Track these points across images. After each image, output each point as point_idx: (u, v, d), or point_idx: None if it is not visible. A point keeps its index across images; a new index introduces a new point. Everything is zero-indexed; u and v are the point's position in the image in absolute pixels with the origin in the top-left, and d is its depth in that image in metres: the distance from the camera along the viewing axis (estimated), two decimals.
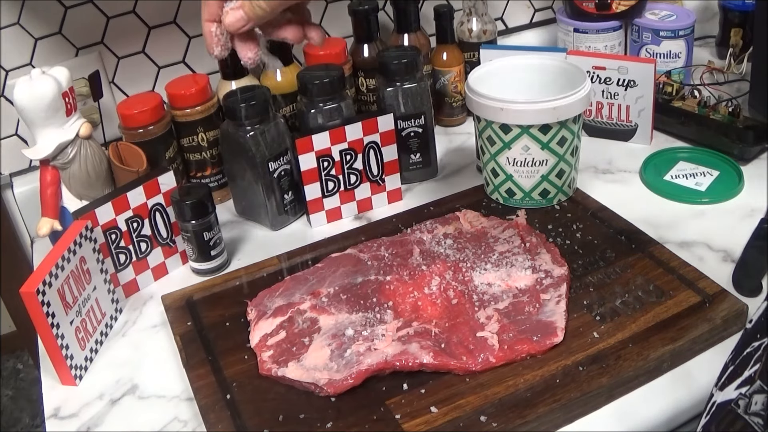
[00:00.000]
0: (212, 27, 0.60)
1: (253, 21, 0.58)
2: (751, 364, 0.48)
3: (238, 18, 0.58)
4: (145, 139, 0.91)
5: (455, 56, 1.10)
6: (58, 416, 0.71)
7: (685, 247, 0.82)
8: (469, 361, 0.66)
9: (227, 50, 0.62)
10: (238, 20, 0.58)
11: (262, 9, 0.57)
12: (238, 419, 0.64)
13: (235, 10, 0.58)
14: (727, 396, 0.48)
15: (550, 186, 0.88)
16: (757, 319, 0.51)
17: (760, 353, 0.47)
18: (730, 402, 0.47)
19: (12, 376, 2.16)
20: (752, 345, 0.49)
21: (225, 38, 0.61)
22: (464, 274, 0.77)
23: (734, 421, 0.46)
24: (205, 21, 0.60)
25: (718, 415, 0.48)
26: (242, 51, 0.62)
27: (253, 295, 0.78)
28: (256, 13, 0.57)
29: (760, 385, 0.46)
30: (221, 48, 0.61)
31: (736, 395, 0.47)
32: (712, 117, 0.99)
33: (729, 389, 0.48)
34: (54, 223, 0.85)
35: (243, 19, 0.58)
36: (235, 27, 0.58)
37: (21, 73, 0.92)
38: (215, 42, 0.61)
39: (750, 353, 0.49)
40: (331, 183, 0.92)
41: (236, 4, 0.58)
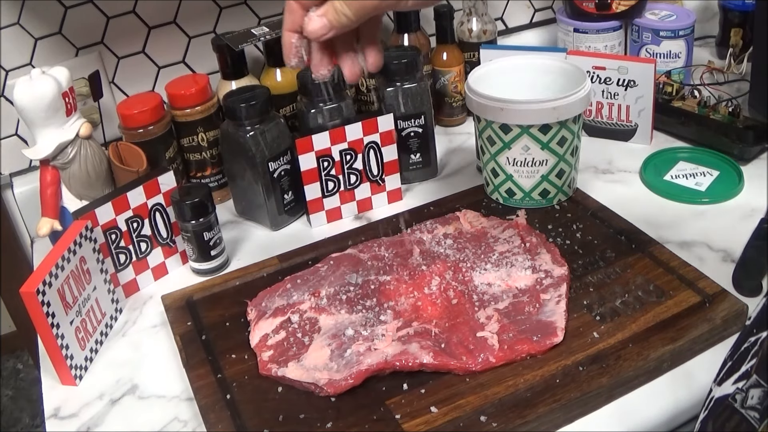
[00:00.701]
0: (293, 38, 0.60)
1: (336, 29, 0.58)
2: (748, 359, 0.48)
3: (322, 25, 0.57)
4: (145, 139, 0.91)
5: (455, 56, 1.10)
6: (58, 416, 0.71)
7: (685, 247, 0.82)
8: (469, 361, 0.66)
9: (303, 62, 0.62)
10: (321, 27, 0.57)
11: (347, 17, 0.57)
12: (238, 419, 0.64)
13: (319, 17, 0.57)
14: (724, 391, 0.48)
15: (550, 186, 0.88)
16: (756, 315, 0.51)
17: (757, 348, 0.48)
18: (728, 397, 0.48)
19: (12, 376, 2.16)
20: (749, 340, 0.49)
21: (305, 50, 0.61)
22: (464, 274, 0.77)
23: (731, 415, 0.47)
24: (287, 30, 0.60)
25: (716, 410, 0.48)
26: (317, 65, 0.62)
27: (253, 295, 0.78)
28: (341, 21, 0.57)
29: (756, 380, 0.46)
30: (298, 59, 0.61)
31: (733, 390, 0.47)
32: (712, 117, 0.99)
33: (727, 384, 0.48)
34: (54, 223, 0.85)
35: (326, 27, 0.57)
36: (317, 34, 0.58)
37: (21, 73, 0.92)
38: (293, 53, 0.61)
39: (747, 348, 0.49)
40: (331, 183, 0.92)
41: (321, 11, 0.58)
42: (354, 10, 0.56)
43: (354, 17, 0.57)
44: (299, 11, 0.58)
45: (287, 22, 0.59)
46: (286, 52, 0.61)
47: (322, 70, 0.62)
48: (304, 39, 0.60)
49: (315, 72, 0.62)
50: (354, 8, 0.56)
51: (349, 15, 0.57)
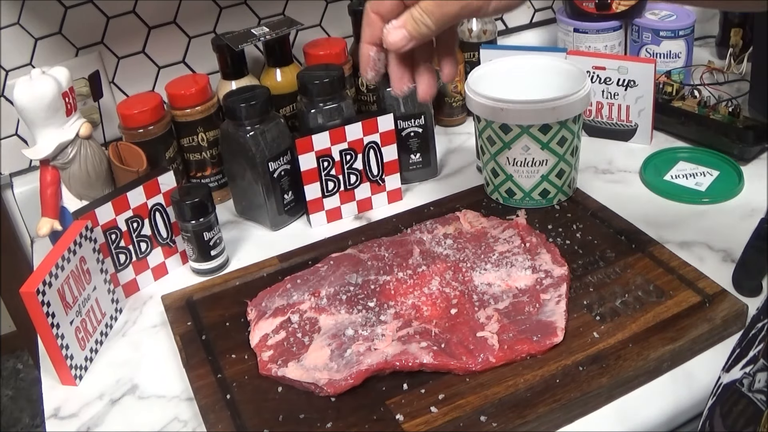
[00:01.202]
0: (371, 51, 0.59)
1: (416, 40, 0.57)
2: (755, 345, 0.48)
3: (402, 37, 0.57)
4: (145, 139, 0.91)
5: None
6: (58, 416, 0.71)
7: (685, 247, 0.82)
8: (469, 361, 0.66)
9: (380, 75, 0.61)
10: (401, 39, 0.57)
11: (427, 27, 0.56)
12: (238, 419, 0.64)
13: (397, 29, 0.57)
14: (732, 377, 0.49)
15: (550, 186, 0.88)
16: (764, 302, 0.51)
17: (764, 333, 0.48)
18: (735, 382, 0.48)
19: (12, 376, 2.16)
20: (756, 326, 0.50)
21: (381, 63, 0.60)
22: (464, 274, 0.77)
23: (739, 399, 0.47)
24: (365, 43, 0.59)
25: (724, 396, 0.49)
26: (398, 81, 0.61)
27: (253, 295, 0.78)
28: (421, 32, 0.56)
29: (763, 364, 0.47)
30: (375, 72, 0.61)
31: (740, 375, 0.48)
32: (712, 117, 0.99)
33: (734, 370, 0.49)
34: (54, 223, 0.85)
35: (406, 38, 0.57)
36: (397, 46, 0.57)
37: (21, 73, 0.92)
38: (371, 65, 0.60)
39: (755, 335, 0.49)
40: (331, 183, 0.92)
41: (399, 22, 0.57)
42: (434, 19, 0.55)
43: (434, 26, 0.56)
44: (378, 23, 0.58)
45: (366, 34, 0.59)
46: (363, 64, 0.60)
47: (402, 87, 0.61)
48: (382, 52, 0.59)
49: (396, 88, 0.61)
50: (434, 17, 0.55)
51: (430, 24, 0.56)
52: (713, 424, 0.48)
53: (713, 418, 0.49)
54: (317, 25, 1.11)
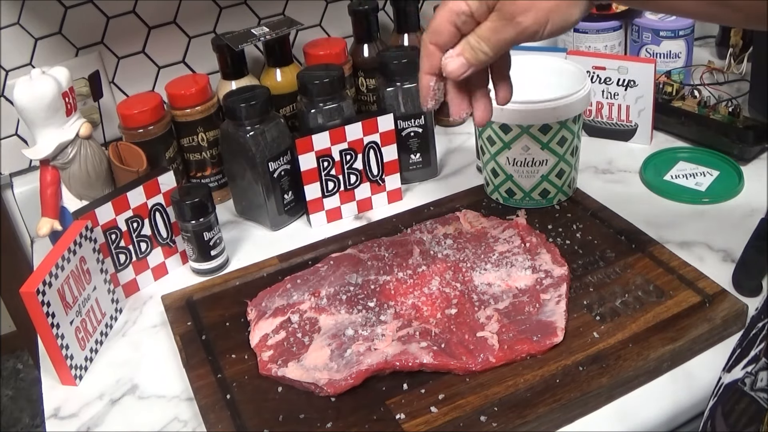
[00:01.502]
0: (431, 81, 0.60)
1: (474, 66, 0.58)
2: (757, 344, 0.49)
3: (460, 65, 0.58)
4: (145, 139, 0.91)
5: None
6: (58, 416, 0.71)
7: (685, 247, 0.82)
8: (469, 361, 0.66)
9: (439, 103, 0.62)
10: (460, 67, 0.58)
11: (485, 54, 0.57)
12: (238, 419, 0.64)
13: (456, 57, 0.58)
14: (734, 376, 0.49)
15: (550, 186, 0.88)
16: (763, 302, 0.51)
17: (765, 333, 0.48)
18: (737, 381, 0.48)
19: (12, 376, 2.16)
20: (757, 326, 0.50)
21: (441, 92, 0.61)
22: (464, 274, 0.77)
23: (741, 398, 0.47)
24: (425, 74, 0.60)
25: (725, 396, 0.49)
26: (457, 108, 0.62)
27: (253, 295, 0.78)
28: (479, 59, 0.57)
29: (765, 362, 0.47)
30: (436, 102, 0.62)
31: (742, 374, 0.48)
32: (712, 117, 0.99)
33: (736, 370, 0.49)
34: (54, 223, 0.85)
35: (465, 66, 0.58)
36: (457, 74, 0.58)
37: (21, 73, 0.92)
38: (431, 95, 0.61)
39: (756, 334, 0.50)
40: (331, 183, 0.92)
41: (457, 51, 0.58)
42: (491, 46, 0.56)
43: (492, 53, 0.57)
44: (437, 54, 0.59)
45: (425, 65, 0.60)
46: (424, 94, 0.61)
47: (461, 113, 0.63)
48: (443, 81, 0.60)
49: (455, 114, 0.63)
50: (491, 44, 0.56)
51: (487, 51, 0.57)
52: (715, 424, 0.49)
53: (715, 418, 0.49)
54: (317, 25, 1.11)
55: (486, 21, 0.56)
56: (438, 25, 0.57)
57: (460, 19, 0.56)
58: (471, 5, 0.55)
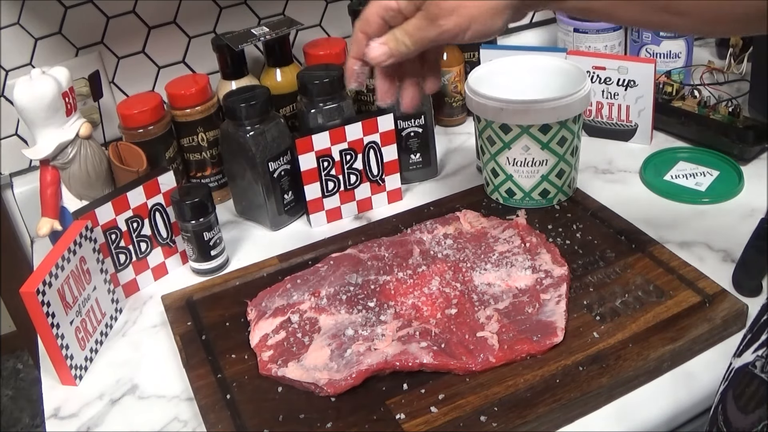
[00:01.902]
0: (356, 65, 0.64)
1: (395, 57, 0.62)
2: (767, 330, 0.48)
3: (382, 52, 0.62)
4: (145, 139, 0.91)
5: (455, 56, 1.10)
6: (58, 416, 0.71)
7: (685, 247, 0.82)
8: (469, 361, 0.66)
9: (363, 86, 0.66)
10: (381, 54, 0.62)
11: (406, 47, 0.61)
12: (238, 419, 0.64)
13: (379, 45, 0.62)
14: (744, 360, 0.49)
15: (550, 186, 0.88)
16: None
17: None
18: (747, 365, 0.48)
19: (12, 376, 2.16)
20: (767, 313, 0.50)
21: (364, 76, 0.65)
22: (464, 274, 0.77)
23: (751, 380, 0.48)
24: (352, 57, 0.64)
25: (736, 379, 0.49)
26: (383, 93, 0.66)
27: (253, 295, 0.78)
28: (400, 50, 0.61)
29: None
30: (358, 84, 0.65)
31: (753, 358, 0.48)
32: (712, 117, 0.99)
33: (746, 354, 0.49)
34: (54, 223, 0.85)
35: (386, 54, 0.62)
36: (377, 61, 0.62)
37: (21, 73, 0.92)
38: (354, 77, 0.65)
39: (766, 320, 0.50)
40: (331, 183, 0.92)
41: (382, 39, 0.62)
42: (413, 41, 0.60)
43: (413, 47, 0.60)
44: (364, 41, 0.63)
45: (353, 50, 0.64)
46: (348, 76, 0.65)
47: (386, 99, 0.66)
48: (367, 66, 0.64)
49: (380, 100, 0.66)
50: (413, 39, 0.60)
51: (409, 45, 0.60)
52: (726, 407, 0.49)
53: (726, 402, 0.49)
54: (317, 25, 1.11)
55: (413, 18, 0.60)
56: (369, 16, 0.62)
57: (388, 14, 0.60)
58: (400, 3, 0.60)
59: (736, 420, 0.48)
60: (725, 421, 0.49)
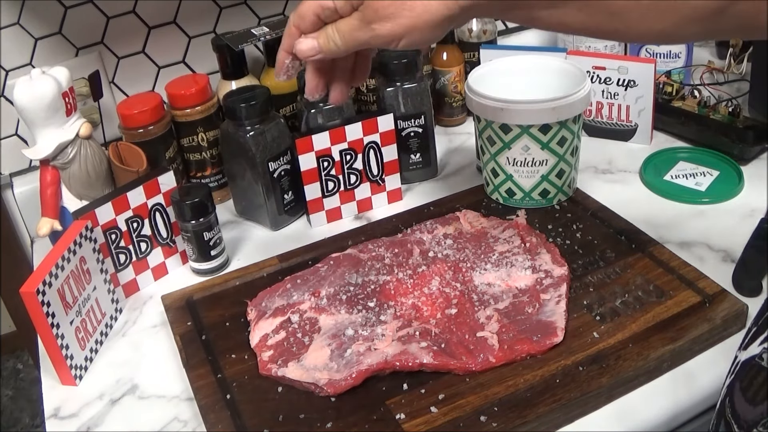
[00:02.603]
0: (287, 59, 0.64)
1: (324, 53, 0.61)
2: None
3: (310, 47, 0.61)
4: (145, 139, 0.91)
5: (455, 56, 1.10)
6: (58, 416, 0.71)
7: (685, 247, 0.82)
8: (469, 361, 0.66)
9: (291, 78, 0.66)
10: (309, 48, 0.61)
11: (336, 45, 0.60)
12: (238, 419, 0.64)
13: (309, 39, 0.61)
14: (751, 353, 0.49)
15: (550, 186, 0.88)
16: None
17: None
18: (754, 357, 0.48)
19: (12, 376, 2.16)
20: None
21: (294, 69, 0.64)
22: (464, 274, 0.77)
23: (758, 372, 0.47)
24: (282, 50, 0.64)
25: (743, 372, 0.49)
26: (311, 89, 0.66)
27: (253, 295, 0.78)
28: (329, 48, 0.60)
29: None
30: (288, 77, 0.65)
31: (759, 350, 0.48)
32: (712, 117, 0.99)
33: (753, 347, 0.49)
34: (54, 223, 0.85)
35: (314, 49, 0.61)
36: (304, 54, 0.62)
37: (21, 73, 0.92)
38: (283, 70, 0.65)
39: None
40: (331, 183, 0.92)
41: (313, 34, 0.61)
42: (344, 41, 0.59)
43: (343, 47, 0.60)
44: (296, 35, 0.62)
45: (284, 42, 0.63)
46: (278, 68, 0.65)
47: (314, 93, 0.66)
48: (297, 60, 0.64)
49: (307, 94, 0.66)
50: (344, 39, 0.59)
51: (339, 43, 0.60)
52: (734, 400, 0.49)
53: (733, 394, 0.49)
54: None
55: (349, 18, 0.59)
56: (304, 12, 0.61)
57: (324, 12, 0.60)
58: (336, 3, 0.59)
59: (745, 412, 0.48)
60: (733, 413, 0.48)
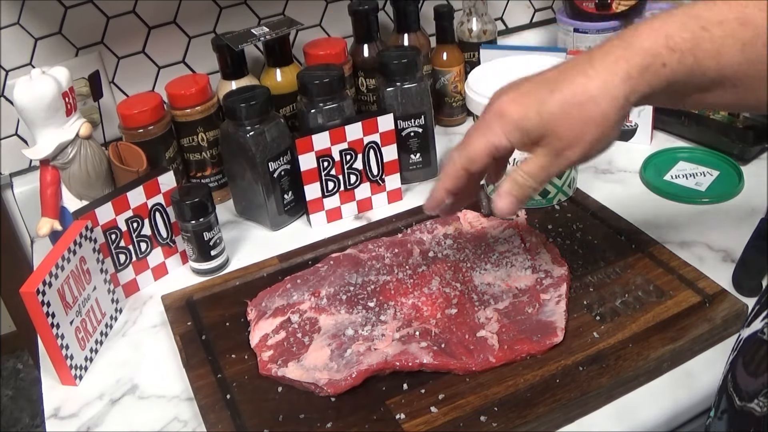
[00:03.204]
0: (448, 199, 0.62)
1: (523, 202, 0.59)
2: None
3: (511, 203, 0.59)
4: (145, 139, 0.91)
5: (455, 56, 1.10)
6: (58, 416, 0.71)
7: (685, 247, 0.82)
8: (469, 361, 0.66)
9: None
10: (510, 205, 0.59)
11: (532, 189, 0.58)
12: (238, 419, 0.64)
13: (505, 196, 0.59)
14: (753, 329, 0.49)
15: (549, 186, 0.88)
16: None
17: None
18: (756, 332, 0.48)
19: (12, 376, 2.16)
20: None
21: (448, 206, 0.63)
22: (464, 274, 0.77)
23: (760, 346, 0.47)
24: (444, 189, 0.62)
25: (745, 347, 0.49)
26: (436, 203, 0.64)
27: (253, 295, 0.78)
28: (527, 195, 0.58)
29: None
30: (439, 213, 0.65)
31: (762, 325, 0.48)
32: (712, 117, 0.99)
33: (755, 323, 0.49)
34: (54, 223, 0.85)
35: (515, 203, 0.59)
36: (508, 213, 0.60)
37: (21, 73, 0.92)
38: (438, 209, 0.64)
39: None
40: (331, 183, 0.92)
41: (505, 189, 0.59)
42: (539, 181, 0.58)
43: (539, 187, 0.58)
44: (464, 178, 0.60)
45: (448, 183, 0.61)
46: (433, 205, 0.63)
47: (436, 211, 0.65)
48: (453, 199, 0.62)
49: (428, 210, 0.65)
50: (539, 179, 0.58)
51: (535, 186, 0.58)
52: (736, 375, 0.49)
53: (735, 369, 0.49)
54: (317, 25, 1.11)
55: (533, 158, 0.57)
56: (475, 155, 0.58)
57: (499, 152, 0.58)
58: (511, 140, 0.57)
59: (746, 384, 0.47)
60: (735, 386, 0.48)
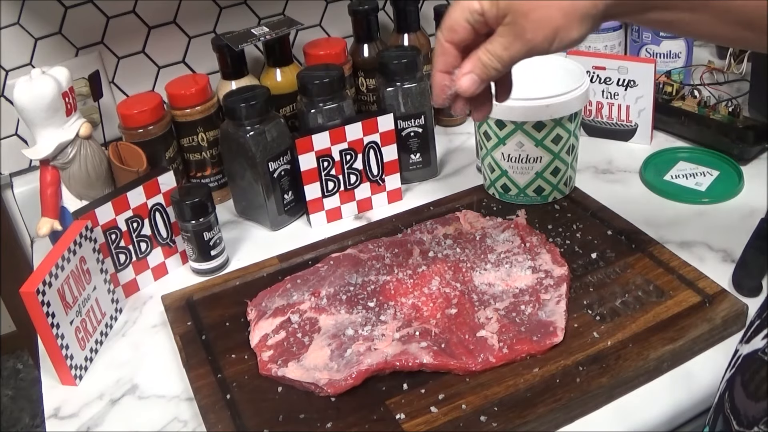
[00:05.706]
0: (446, 80, 0.61)
1: (486, 83, 0.60)
2: None
3: (473, 82, 0.59)
4: (145, 139, 0.91)
5: None
6: (58, 416, 0.71)
7: (685, 247, 0.82)
8: (469, 361, 0.66)
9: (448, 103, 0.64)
10: (472, 84, 0.60)
11: (495, 69, 0.58)
12: (238, 419, 0.64)
13: (467, 74, 0.59)
14: (753, 347, 0.48)
15: (545, 183, 0.88)
16: None
17: None
18: (757, 351, 0.48)
19: (12, 376, 2.16)
20: None
21: (452, 91, 0.62)
22: (464, 274, 0.77)
23: (761, 366, 0.47)
24: (439, 71, 0.61)
25: (744, 366, 0.49)
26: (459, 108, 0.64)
27: (253, 295, 0.78)
28: (490, 75, 0.59)
29: None
30: (445, 100, 0.63)
31: (763, 344, 0.48)
32: (712, 117, 0.99)
33: (755, 340, 0.49)
34: (54, 223, 0.85)
35: (477, 82, 0.60)
36: (470, 91, 0.60)
37: (21, 73, 0.92)
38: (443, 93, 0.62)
39: None
40: (331, 183, 0.92)
41: (467, 68, 0.59)
42: (502, 62, 0.58)
43: (502, 68, 0.58)
44: (452, 51, 0.60)
45: (440, 63, 0.61)
46: (438, 92, 0.62)
47: (481, 115, 0.65)
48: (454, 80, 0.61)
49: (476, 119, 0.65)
50: (503, 60, 0.58)
51: (498, 67, 0.58)
52: (733, 394, 0.48)
53: (733, 389, 0.49)
54: (317, 25, 1.11)
55: (496, 36, 0.57)
56: (454, 23, 0.59)
57: (473, 17, 0.57)
58: (483, 5, 0.56)
59: (745, 407, 0.47)
60: (732, 408, 0.48)
